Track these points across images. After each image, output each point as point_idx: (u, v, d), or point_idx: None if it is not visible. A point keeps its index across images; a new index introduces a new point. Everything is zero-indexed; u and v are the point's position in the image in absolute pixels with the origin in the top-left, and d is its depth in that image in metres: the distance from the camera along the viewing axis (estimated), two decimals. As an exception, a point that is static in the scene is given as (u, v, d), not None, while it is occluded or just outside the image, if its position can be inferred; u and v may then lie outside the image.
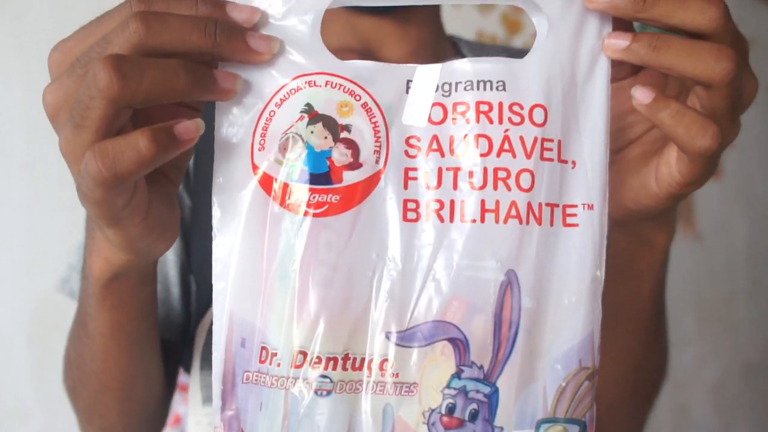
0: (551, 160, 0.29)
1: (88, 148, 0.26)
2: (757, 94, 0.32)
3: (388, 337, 0.29)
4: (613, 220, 0.34)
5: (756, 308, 3.04)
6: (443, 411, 0.29)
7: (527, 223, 0.29)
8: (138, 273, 0.36)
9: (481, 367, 0.29)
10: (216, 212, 0.29)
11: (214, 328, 0.29)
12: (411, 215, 0.29)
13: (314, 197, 0.28)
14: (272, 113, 0.29)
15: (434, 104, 0.29)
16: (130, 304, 0.39)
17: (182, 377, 0.52)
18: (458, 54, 0.59)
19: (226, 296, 0.29)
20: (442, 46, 0.59)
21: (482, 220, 0.28)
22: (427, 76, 0.29)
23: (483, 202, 0.29)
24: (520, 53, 0.60)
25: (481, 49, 0.60)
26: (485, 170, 0.29)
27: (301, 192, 0.28)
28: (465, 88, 0.29)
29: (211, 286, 0.30)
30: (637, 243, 0.39)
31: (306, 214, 0.28)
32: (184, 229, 0.51)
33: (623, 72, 0.32)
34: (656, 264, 0.40)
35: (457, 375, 0.29)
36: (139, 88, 0.25)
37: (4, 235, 1.27)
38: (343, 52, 0.55)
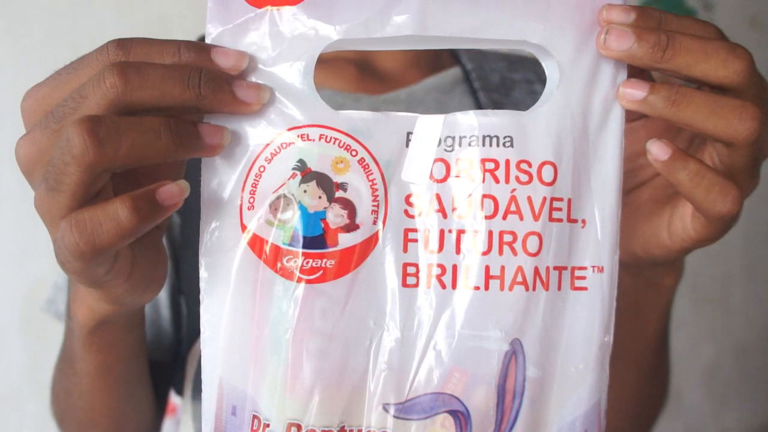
0: (560, 220, 0.27)
1: (65, 214, 0.24)
2: None
3: (386, 409, 0.27)
4: (621, 263, 0.32)
5: (751, 291, 3.05)
6: (443, 485, 0.27)
7: (534, 289, 0.27)
8: (125, 318, 0.35)
9: (483, 440, 0.27)
10: (203, 274, 0.27)
11: (204, 395, 0.28)
12: (411, 280, 0.27)
13: (308, 262, 0.27)
14: (262, 169, 0.27)
15: (436, 160, 0.27)
16: (117, 347, 0.37)
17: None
18: (457, 63, 0.57)
19: (216, 363, 0.27)
20: (440, 55, 0.57)
21: (486, 287, 0.27)
22: (429, 128, 0.27)
23: (487, 268, 0.27)
24: (521, 61, 0.58)
25: (482, 56, 0.58)
26: (490, 234, 0.27)
27: (293, 256, 0.27)
28: (470, 144, 0.27)
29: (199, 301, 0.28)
30: (644, 284, 0.37)
31: (299, 280, 0.27)
32: (174, 248, 0.49)
33: (635, 112, 0.30)
34: (662, 304, 0.39)
35: (458, 448, 0.27)
36: (117, 154, 0.23)
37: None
38: (338, 61, 0.53)
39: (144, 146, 0.24)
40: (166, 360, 0.50)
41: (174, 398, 0.54)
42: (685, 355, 2.64)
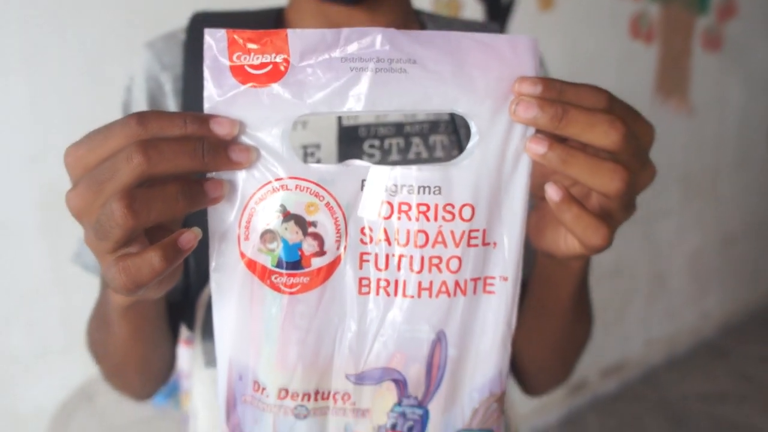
0: (476, 245, 0.37)
1: (110, 251, 0.34)
2: (653, 180, 0.38)
3: (348, 379, 0.38)
4: (538, 251, 0.42)
5: (742, 181, 3.15)
6: (388, 427, 0.39)
7: (455, 295, 0.37)
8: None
9: (416, 398, 0.39)
10: (213, 285, 0.37)
11: (218, 367, 0.39)
12: (365, 290, 0.37)
13: (289, 280, 0.36)
14: (252, 210, 0.36)
15: (383, 202, 0.36)
16: (146, 315, 0.48)
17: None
18: None
19: (226, 346, 0.38)
20: (410, 29, 0.62)
21: (419, 296, 0.37)
22: (379, 178, 0.36)
23: (420, 283, 0.37)
24: (483, 27, 0.64)
25: (448, 24, 0.63)
26: (422, 258, 0.36)
27: (279, 275, 0.36)
28: (408, 192, 0.36)
29: (205, 259, 0.37)
30: (555, 264, 0.47)
31: (284, 292, 0.37)
32: None
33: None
34: (572, 279, 0.48)
35: (399, 403, 0.39)
36: (147, 219, 0.32)
37: (12, 125, 1.32)
38: None
39: (166, 210, 0.33)
40: (178, 300, 0.60)
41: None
42: (672, 242, 2.78)
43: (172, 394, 1.34)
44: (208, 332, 0.56)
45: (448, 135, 0.58)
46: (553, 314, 0.52)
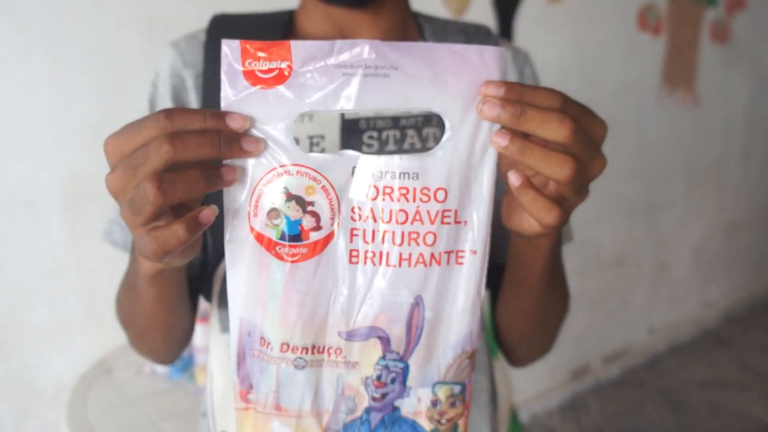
0: (449, 223, 0.43)
1: (142, 224, 0.40)
2: (604, 169, 0.44)
3: (340, 335, 0.45)
4: (510, 231, 0.48)
5: (747, 172, 3.18)
6: (374, 378, 0.46)
7: (430, 265, 0.44)
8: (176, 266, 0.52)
9: (397, 353, 0.45)
10: (228, 255, 0.44)
11: (230, 325, 0.46)
12: (354, 260, 0.44)
13: (291, 250, 0.43)
14: (260, 192, 0.42)
15: (370, 186, 0.43)
16: (170, 282, 0.55)
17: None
18: (421, 37, 0.69)
19: (237, 307, 0.45)
20: (409, 30, 0.68)
21: (399, 265, 0.44)
22: (367, 165, 0.43)
23: (400, 254, 0.43)
24: (477, 29, 0.70)
25: (442, 31, 0.70)
26: (402, 233, 0.43)
27: (282, 247, 0.43)
28: (391, 177, 0.43)
29: (221, 237, 0.44)
30: (525, 244, 0.53)
31: (286, 261, 0.43)
32: None
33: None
34: (541, 257, 0.54)
35: (383, 357, 0.45)
36: (174, 197, 0.39)
37: (37, 110, 1.39)
38: (322, 39, 0.65)
39: (189, 190, 0.40)
40: (197, 275, 0.68)
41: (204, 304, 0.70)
42: (676, 231, 2.82)
43: (187, 368, 1.43)
44: (223, 302, 0.63)
45: (440, 128, 0.65)
46: (527, 289, 0.58)
